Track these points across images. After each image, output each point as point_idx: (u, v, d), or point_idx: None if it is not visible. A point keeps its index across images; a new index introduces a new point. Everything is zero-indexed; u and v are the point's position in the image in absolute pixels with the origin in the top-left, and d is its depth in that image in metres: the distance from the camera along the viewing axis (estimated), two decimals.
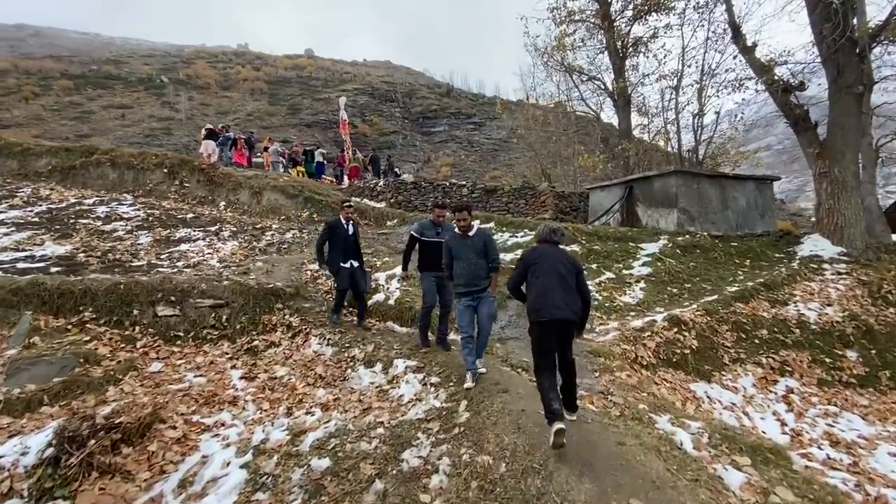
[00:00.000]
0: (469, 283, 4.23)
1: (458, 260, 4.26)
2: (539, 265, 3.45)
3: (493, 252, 4.32)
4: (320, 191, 10.73)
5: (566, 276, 3.39)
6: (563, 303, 3.26)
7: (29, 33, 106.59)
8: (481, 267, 4.25)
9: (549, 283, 3.33)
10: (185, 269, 6.82)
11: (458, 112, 53.01)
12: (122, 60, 53.38)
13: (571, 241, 8.93)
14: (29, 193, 9.14)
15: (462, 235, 4.33)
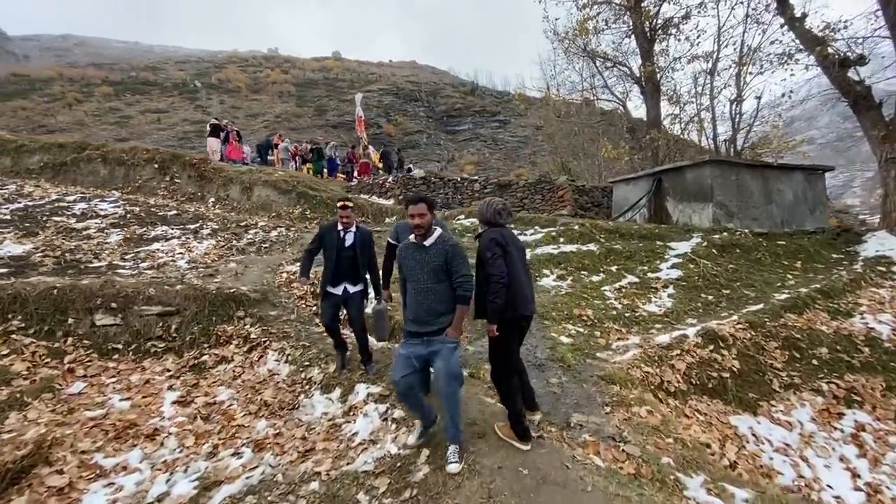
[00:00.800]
0: (418, 318, 2.92)
1: (409, 282, 3.03)
2: (510, 253, 2.97)
3: (459, 270, 2.86)
4: (316, 186, 9.98)
5: (525, 264, 3.18)
6: (530, 297, 3.06)
7: (74, 43, 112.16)
8: (439, 295, 2.88)
9: (519, 273, 3.00)
10: (147, 271, 6.13)
11: (483, 110, 52.43)
12: (159, 67, 55.39)
13: (589, 238, 7.83)
14: (12, 191, 8.74)
15: (417, 245, 3.00)
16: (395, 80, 59.68)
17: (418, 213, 2.92)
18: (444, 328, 2.84)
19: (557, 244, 7.61)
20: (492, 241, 2.95)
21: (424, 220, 2.95)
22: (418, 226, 2.92)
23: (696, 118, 15.81)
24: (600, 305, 5.97)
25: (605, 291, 6.37)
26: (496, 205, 3.16)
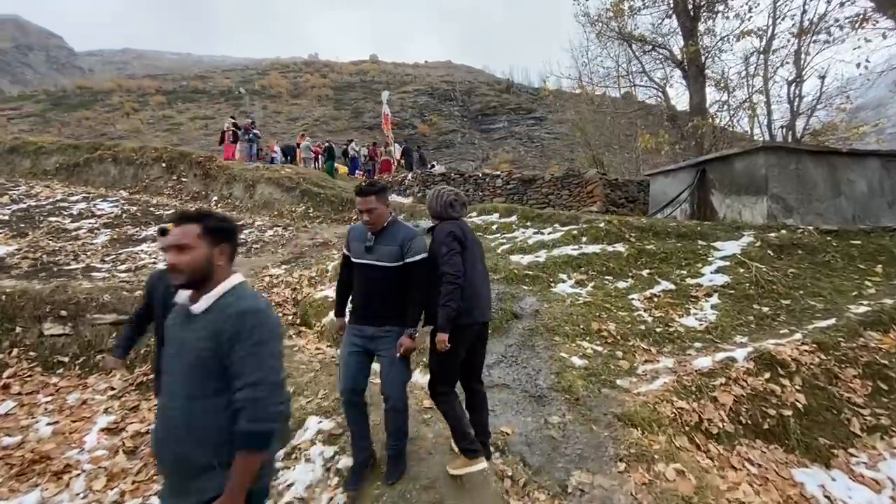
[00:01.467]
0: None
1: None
2: (469, 250, 2.59)
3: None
4: (322, 183, 9.43)
5: (483, 263, 2.77)
6: (489, 301, 2.76)
7: (133, 56, 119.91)
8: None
9: (479, 273, 2.66)
10: (121, 274, 5.70)
11: (518, 107, 51.56)
12: (207, 76, 58.05)
13: (616, 237, 6.78)
14: (22, 192, 8.71)
15: None
16: (430, 81, 59.91)
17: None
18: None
19: (578, 244, 6.62)
20: (449, 235, 2.53)
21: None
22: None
23: (748, 103, 14.14)
24: (626, 318, 4.97)
25: (633, 300, 5.36)
26: (447, 195, 2.73)
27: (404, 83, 57.45)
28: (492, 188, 12.59)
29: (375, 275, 2.47)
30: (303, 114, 45.70)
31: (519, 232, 7.22)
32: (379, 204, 2.50)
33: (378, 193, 2.49)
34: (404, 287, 2.47)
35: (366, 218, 2.46)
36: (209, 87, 50.96)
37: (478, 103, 53.29)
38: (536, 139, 46.59)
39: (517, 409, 3.38)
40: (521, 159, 40.86)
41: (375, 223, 2.49)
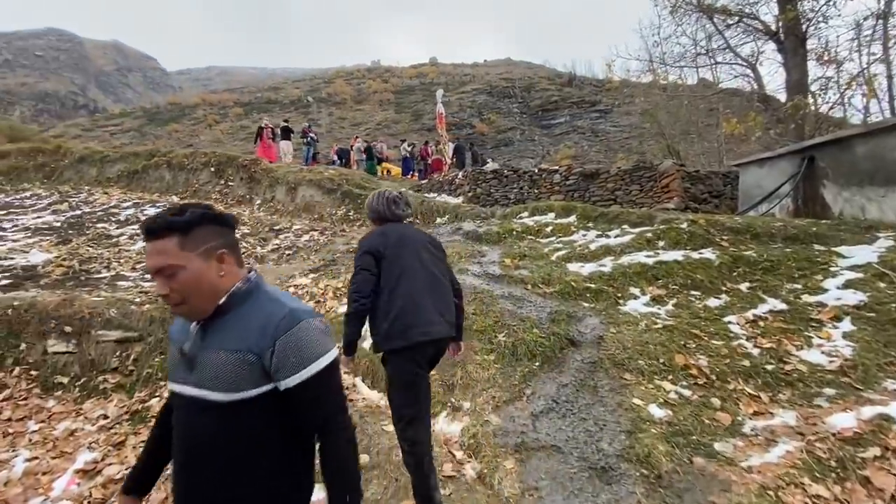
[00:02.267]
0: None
1: None
2: (397, 258, 2.14)
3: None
4: (365, 184, 8.90)
5: (434, 268, 2.20)
6: (438, 314, 2.11)
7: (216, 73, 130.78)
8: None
9: (416, 284, 2.11)
10: (145, 283, 5.41)
11: (581, 101, 49.54)
12: (280, 87, 61.67)
13: (703, 241, 5.50)
14: (81, 199, 9.02)
15: None
16: (488, 79, 59.27)
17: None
18: None
19: (654, 249, 5.43)
20: (364, 254, 2.19)
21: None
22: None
23: (862, 76, 11.76)
24: (721, 349, 3.79)
25: (731, 324, 4.14)
26: (388, 195, 2.40)
27: (462, 83, 57.25)
28: (549, 185, 11.43)
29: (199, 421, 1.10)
30: (365, 118, 46.96)
31: (579, 234, 6.15)
32: (185, 256, 1.06)
33: (179, 232, 1.06)
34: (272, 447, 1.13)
35: (161, 291, 1.08)
36: (281, 98, 53.88)
37: (538, 99, 51.95)
38: (601, 133, 44.39)
39: (570, 489, 2.43)
40: (584, 154, 38.81)
41: (185, 302, 1.09)
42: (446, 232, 6.90)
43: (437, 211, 8.08)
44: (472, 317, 4.05)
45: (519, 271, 5.11)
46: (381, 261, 2.15)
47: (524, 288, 4.76)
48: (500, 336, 3.85)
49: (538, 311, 4.24)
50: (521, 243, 6.06)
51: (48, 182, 10.91)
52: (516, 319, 4.05)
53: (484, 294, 4.42)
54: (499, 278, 4.94)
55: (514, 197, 11.58)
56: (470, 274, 5.05)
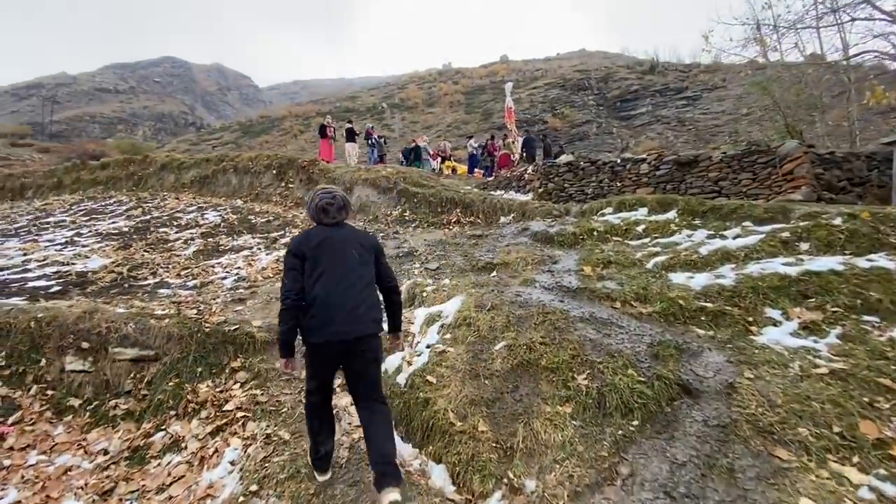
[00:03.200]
0: None
1: None
2: (318, 260, 2.27)
3: None
4: (423, 182, 8.15)
5: (358, 268, 2.32)
6: (353, 314, 2.21)
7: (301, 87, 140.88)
8: None
9: (333, 285, 2.23)
10: (184, 291, 5.06)
11: (665, 88, 45.93)
12: (356, 96, 64.70)
13: (870, 244, 3.93)
14: (153, 204, 9.28)
15: None
16: (561, 73, 57.35)
17: None
18: None
19: (794, 255, 3.98)
20: (289, 255, 2.31)
21: None
22: None
23: None
24: None
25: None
26: (320, 198, 2.41)
27: (534, 79, 55.91)
28: (635, 176, 9.86)
29: None
30: (436, 121, 47.45)
31: (682, 235, 4.80)
32: None
33: None
34: None
35: None
36: (357, 106, 56.32)
37: (615, 89, 49.09)
38: (689, 121, 40.55)
39: None
40: (669, 146, 35.38)
41: None
42: (510, 233, 5.87)
43: (501, 209, 7.05)
44: (538, 347, 3.03)
45: (603, 283, 3.96)
46: (304, 261, 2.27)
47: (611, 306, 3.62)
48: (580, 378, 2.79)
49: (633, 341, 3.10)
50: (605, 246, 4.86)
51: (135, 189, 11.58)
52: (602, 354, 2.96)
53: (555, 315, 3.36)
54: (576, 293, 3.84)
55: (592, 192, 10.17)
56: (538, 286, 4.00)
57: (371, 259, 2.40)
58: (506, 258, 4.71)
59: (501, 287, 4.01)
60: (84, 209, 9.58)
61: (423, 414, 2.76)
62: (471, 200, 7.30)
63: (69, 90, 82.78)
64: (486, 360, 3.05)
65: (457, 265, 4.78)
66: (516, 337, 3.16)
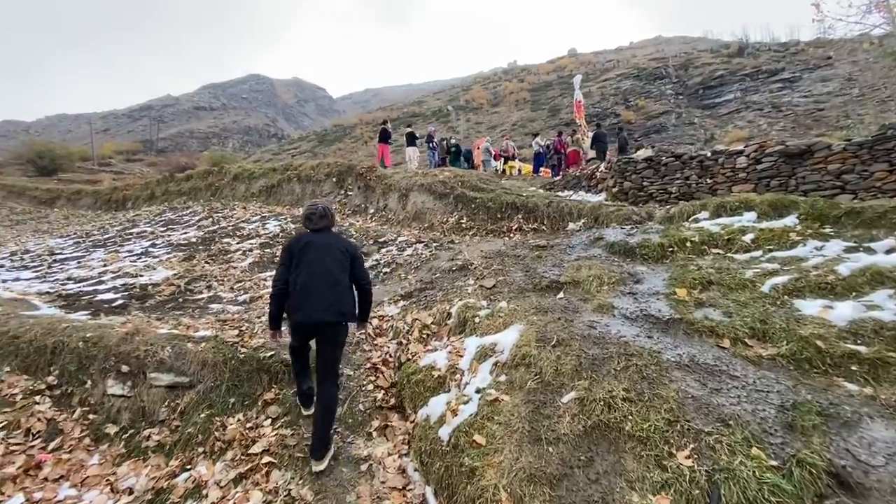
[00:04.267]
0: None
1: None
2: (301, 258, 2.86)
3: None
4: (482, 186, 7.54)
5: (332, 267, 2.85)
6: (322, 303, 2.76)
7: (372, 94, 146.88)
8: None
9: (308, 279, 2.79)
10: (232, 307, 4.91)
11: (757, 71, 41.77)
12: (423, 100, 66.18)
13: None
14: (223, 214, 9.59)
15: None
16: (634, 62, 54.45)
17: None
18: None
19: None
20: (283, 252, 2.99)
21: None
22: None
23: None
24: None
25: None
26: (305, 209, 3.13)
27: (605, 70, 53.50)
28: (730, 171, 8.47)
29: None
30: (501, 120, 47.00)
31: (807, 248, 3.75)
32: None
33: None
34: None
35: None
36: (424, 110, 57.49)
37: (697, 76, 45.52)
38: (785, 106, 36.23)
39: None
40: (762, 133, 31.71)
41: None
42: (581, 243, 5.08)
43: (570, 213, 6.25)
44: (620, 405, 2.31)
45: (703, 312, 3.11)
46: (292, 258, 2.87)
47: (717, 345, 2.78)
48: (681, 456, 2.04)
49: (755, 400, 2.28)
50: (702, 261, 3.94)
51: (211, 199, 12.21)
52: (711, 419, 2.18)
53: (643, 358, 2.61)
54: (668, 325, 3.04)
55: (677, 191, 8.91)
56: (617, 314, 3.24)
57: (347, 262, 2.92)
58: (575, 275, 3.98)
59: (570, 314, 3.30)
60: (164, 220, 10.17)
61: (467, 489, 2.17)
62: (534, 204, 6.57)
63: (173, 110, 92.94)
64: (551, 416, 2.40)
65: (516, 283, 4.13)
66: (590, 387, 2.46)
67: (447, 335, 3.67)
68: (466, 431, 2.47)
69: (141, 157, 49.49)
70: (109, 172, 32.18)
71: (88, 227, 11.14)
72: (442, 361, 3.22)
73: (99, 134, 56.31)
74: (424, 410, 2.89)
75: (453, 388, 2.95)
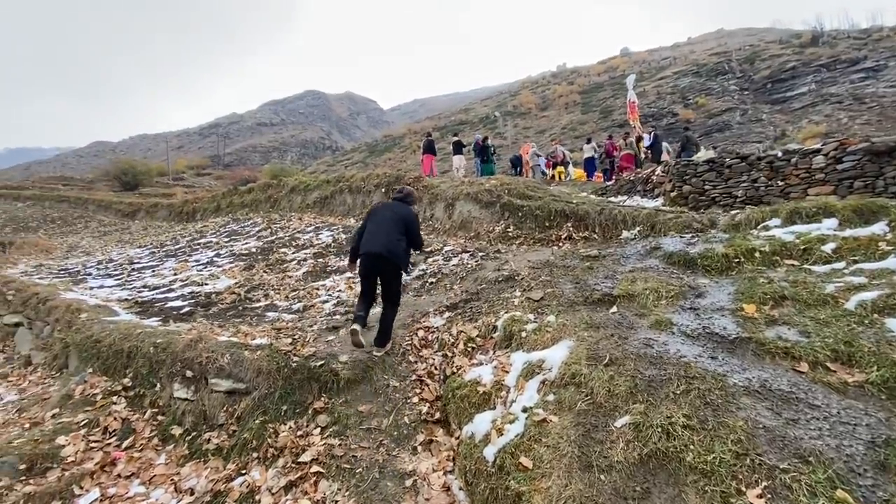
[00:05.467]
0: None
1: None
2: (373, 217, 4.07)
3: None
4: (530, 193, 7.39)
5: (388, 224, 3.93)
6: (378, 243, 3.81)
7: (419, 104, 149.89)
8: None
9: (373, 228, 3.94)
10: (287, 315, 5.11)
11: (834, 61, 38.74)
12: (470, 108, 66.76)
13: None
14: (280, 224, 10.07)
15: None
16: (693, 58, 51.97)
17: None
18: None
19: None
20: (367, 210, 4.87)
21: None
22: None
23: None
24: None
25: None
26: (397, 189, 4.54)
27: (661, 69, 51.44)
28: (804, 173, 7.75)
29: None
30: (550, 124, 46.37)
31: None
32: None
33: None
34: None
35: None
36: (471, 118, 57.95)
37: (765, 69, 42.84)
38: (870, 98, 33.12)
39: None
40: (842, 128, 28.98)
41: None
42: (635, 253, 4.82)
43: (623, 221, 5.96)
44: (681, 433, 2.13)
45: (776, 331, 2.83)
46: (370, 214, 4.12)
47: (794, 369, 2.51)
48: (751, 494, 1.84)
49: (839, 434, 2.02)
50: (773, 273, 3.60)
51: (271, 210, 12.90)
52: (787, 454, 1.95)
53: (706, 382, 2.40)
54: (735, 345, 2.79)
55: (744, 195, 8.27)
56: (676, 332, 3.02)
57: (402, 222, 3.96)
58: (630, 288, 3.77)
59: (624, 330, 3.13)
60: (228, 231, 10.85)
61: None
62: (585, 212, 6.34)
63: (238, 126, 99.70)
64: (603, 441, 2.26)
65: (565, 295, 3.97)
66: (646, 412, 2.30)
67: (493, 349, 3.60)
68: (512, 453, 2.38)
69: (209, 172, 53.36)
70: (182, 186, 34.96)
71: (163, 238, 12.10)
72: (487, 377, 3.15)
73: (174, 151, 61.38)
74: (469, 427, 2.83)
75: (499, 405, 2.88)
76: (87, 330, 4.75)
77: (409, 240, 3.97)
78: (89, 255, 11.09)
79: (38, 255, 11.30)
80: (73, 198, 23.64)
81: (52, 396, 4.19)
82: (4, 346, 6.05)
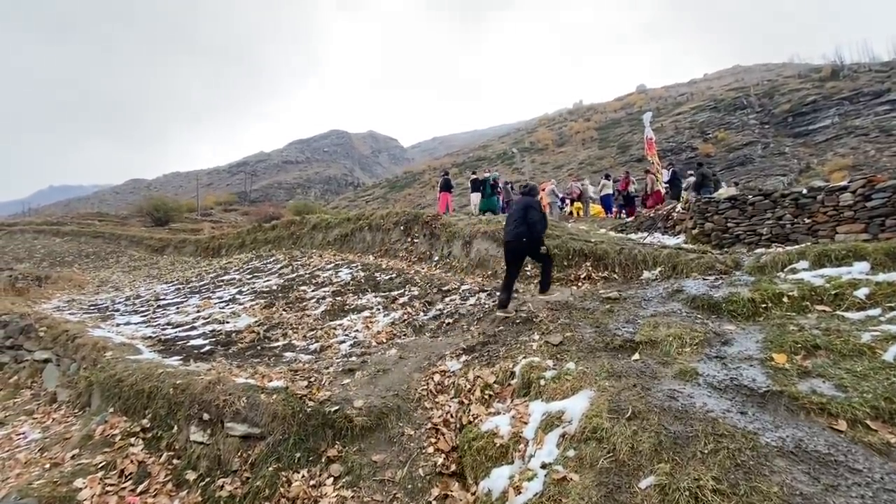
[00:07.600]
0: None
1: None
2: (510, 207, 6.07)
3: None
4: (549, 230, 7.38)
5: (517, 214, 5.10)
6: (509, 231, 5.12)
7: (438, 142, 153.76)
8: None
9: (507, 218, 5.34)
10: (304, 356, 5.12)
11: (857, 93, 38.64)
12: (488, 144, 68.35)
13: None
14: (301, 262, 10.25)
15: None
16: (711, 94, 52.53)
17: None
18: None
19: None
20: None
21: None
22: None
23: None
24: None
25: None
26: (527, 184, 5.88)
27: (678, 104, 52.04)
28: (832, 210, 7.54)
29: None
30: (567, 160, 46.91)
31: None
32: None
33: None
34: None
35: None
36: (489, 154, 59.22)
37: (784, 103, 42.85)
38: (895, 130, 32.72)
39: None
40: (869, 162, 28.43)
41: None
42: (657, 295, 4.70)
43: (644, 261, 5.86)
44: (710, 497, 2.00)
45: (810, 383, 2.69)
46: None
47: (831, 427, 2.36)
48: None
49: (883, 501, 1.87)
50: (804, 320, 3.45)
51: (293, 247, 13.19)
52: None
53: (735, 441, 2.27)
54: (764, 398, 2.65)
55: (769, 232, 8.08)
56: (702, 383, 2.90)
57: (524, 209, 5.06)
58: (652, 334, 3.66)
59: (647, 380, 3.01)
60: (251, 267, 11.10)
61: None
62: (604, 251, 6.28)
63: (264, 164, 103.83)
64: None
65: (585, 340, 3.88)
66: (672, 472, 2.18)
67: (510, 397, 3.51)
68: None
69: (236, 208, 55.29)
70: (209, 221, 36.24)
71: (189, 274, 12.44)
72: (505, 427, 3.06)
73: (203, 188, 64.02)
74: (486, 483, 2.73)
75: (517, 459, 2.77)
76: (111, 368, 4.84)
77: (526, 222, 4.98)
78: (118, 290, 11.44)
79: (71, 290, 11.72)
80: (108, 233, 24.69)
81: (74, 436, 4.24)
82: (33, 381, 6.21)
